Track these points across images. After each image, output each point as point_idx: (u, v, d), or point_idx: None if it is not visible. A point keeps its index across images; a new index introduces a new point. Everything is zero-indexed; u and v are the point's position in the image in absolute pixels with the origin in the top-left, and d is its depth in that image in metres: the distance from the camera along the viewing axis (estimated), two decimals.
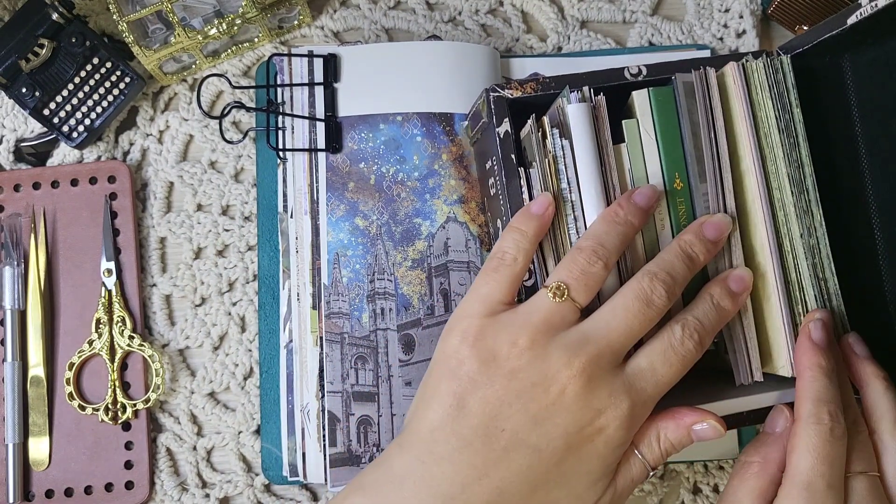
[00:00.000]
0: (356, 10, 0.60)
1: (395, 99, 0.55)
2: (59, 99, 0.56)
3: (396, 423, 0.52)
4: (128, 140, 0.59)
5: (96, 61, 0.56)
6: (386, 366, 0.53)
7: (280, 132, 0.55)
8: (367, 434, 0.52)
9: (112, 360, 0.55)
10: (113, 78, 0.56)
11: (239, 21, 0.55)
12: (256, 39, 0.58)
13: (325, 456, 0.52)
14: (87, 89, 0.56)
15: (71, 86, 0.56)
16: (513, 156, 0.46)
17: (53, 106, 0.56)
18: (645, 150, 0.45)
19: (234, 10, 0.55)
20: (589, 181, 0.43)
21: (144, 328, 0.57)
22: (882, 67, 0.44)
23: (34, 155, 0.59)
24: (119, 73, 0.56)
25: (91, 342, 0.55)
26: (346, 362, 0.53)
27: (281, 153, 0.55)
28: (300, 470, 0.53)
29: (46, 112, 0.56)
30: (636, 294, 0.40)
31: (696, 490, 0.57)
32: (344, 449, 0.52)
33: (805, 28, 0.58)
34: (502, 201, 0.47)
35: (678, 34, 0.60)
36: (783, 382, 0.45)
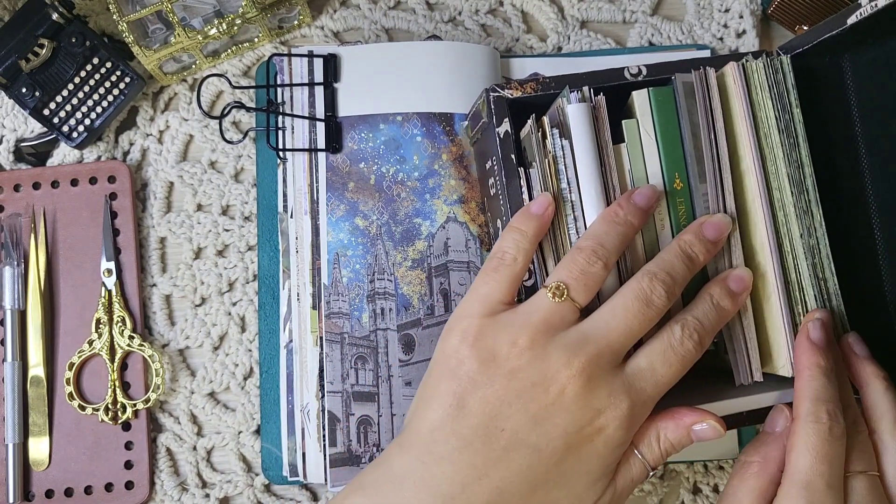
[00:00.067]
0: (356, 10, 0.60)
1: (395, 99, 0.55)
2: (59, 99, 0.56)
3: (396, 423, 0.52)
4: (128, 140, 0.59)
5: (96, 61, 0.56)
6: (386, 366, 0.53)
7: (280, 132, 0.55)
8: (367, 434, 0.52)
9: (112, 360, 0.55)
10: (113, 78, 0.56)
11: (239, 21, 0.55)
12: (256, 39, 0.58)
13: (325, 456, 0.52)
14: (87, 89, 0.56)
15: (71, 86, 0.56)
16: (513, 156, 0.46)
17: (53, 106, 0.56)
18: (645, 151, 0.45)
19: (234, 10, 0.55)
20: (589, 181, 0.43)
21: (144, 328, 0.57)
22: (882, 67, 0.44)
23: (34, 155, 0.59)
24: (119, 73, 0.56)
25: (91, 342, 0.55)
26: (346, 362, 0.53)
27: (281, 153, 0.55)
28: (300, 470, 0.53)
29: (46, 112, 0.56)
30: (636, 294, 0.40)
31: (696, 490, 0.57)
32: (344, 449, 0.52)
33: (805, 28, 0.58)
34: (502, 201, 0.47)
35: (678, 34, 0.60)
36: (783, 382, 0.45)
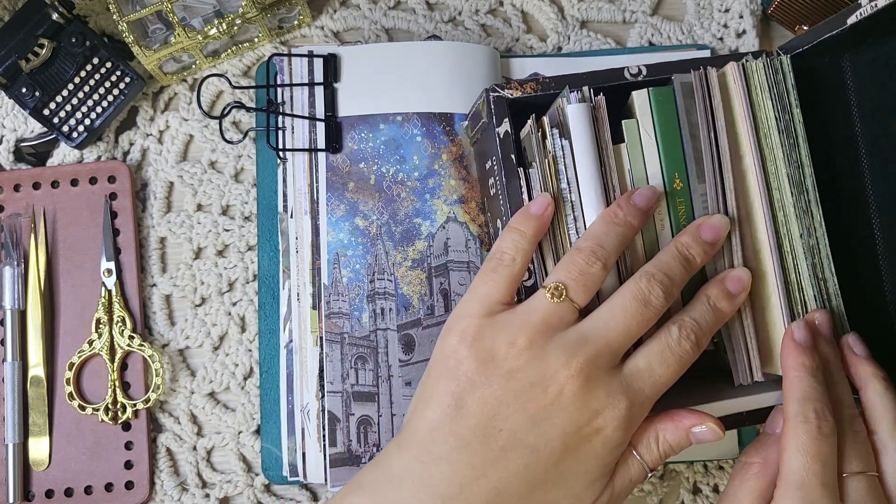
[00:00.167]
0: (356, 10, 0.60)
1: (395, 99, 0.55)
2: (59, 99, 0.56)
3: (396, 423, 0.52)
4: (128, 140, 0.59)
5: (96, 61, 0.56)
6: (386, 366, 0.53)
7: (280, 132, 0.55)
8: (367, 434, 0.52)
9: (112, 360, 0.55)
10: (113, 78, 0.56)
11: (239, 21, 0.55)
12: (256, 39, 0.58)
13: (325, 456, 0.52)
14: (87, 89, 0.56)
15: (71, 86, 0.56)
16: (513, 156, 0.46)
17: (53, 106, 0.56)
18: (645, 151, 0.44)
19: (234, 10, 0.55)
20: (588, 181, 0.43)
21: (144, 328, 0.57)
22: (882, 67, 0.44)
23: (34, 155, 0.59)
24: (119, 73, 0.56)
25: (91, 342, 0.55)
26: (346, 362, 0.53)
27: (281, 153, 0.55)
28: (300, 470, 0.53)
29: (46, 112, 0.56)
30: (634, 295, 0.40)
31: (696, 490, 0.57)
32: (344, 449, 0.52)
33: (805, 28, 0.58)
34: (502, 201, 0.47)
35: (678, 34, 0.60)
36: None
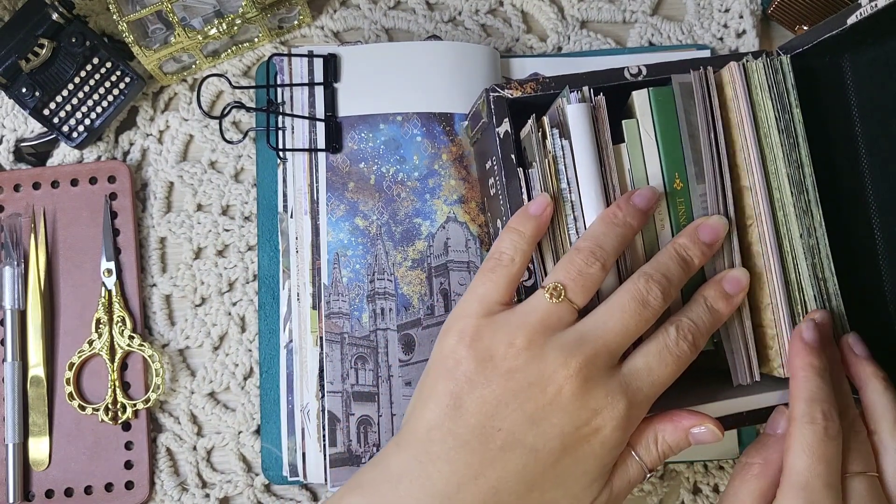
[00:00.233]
0: (356, 10, 0.60)
1: (395, 99, 0.55)
2: (59, 99, 0.56)
3: (396, 423, 0.52)
4: (128, 140, 0.59)
5: (96, 61, 0.56)
6: (386, 366, 0.53)
7: (280, 132, 0.55)
8: (367, 434, 0.52)
9: (112, 360, 0.55)
10: (113, 78, 0.56)
11: (239, 21, 0.55)
12: (256, 39, 0.58)
13: (325, 456, 0.52)
14: (87, 89, 0.56)
15: (71, 86, 0.56)
16: (513, 156, 0.46)
17: (53, 106, 0.56)
18: (645, 151, 0.44)
19: (234, 10, 0.55)
20: (588, 181, 0.43)
21: (144, 328, 0.57)
22: (882, 67, 0.44)
23: (34, 155, 0.59)
24: (119, 73, 0.56)
25: (91, 342, 0.55)
26: (346, 362, 0.53)
27: (281, 153, 0.55)
28: (300, 470, 0.53)
29: (46, 112, 0.56)
30: (632, 295, 0.40)
31: (696, 490, 0.57)
32: (344, 449, 0.52)
33: (805, 28, 0.58)
34: (502, 201, 0.47)
35: (678, 34, 0.60)
36: (782, 382, 0.45)
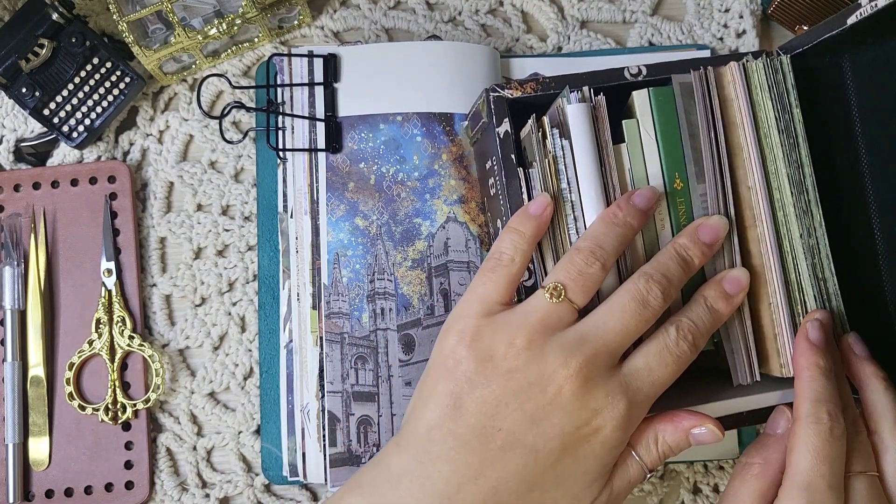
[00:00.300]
0: (356, 10, 0.60)
1: (395, 99, 0.55)
2: (59, 99, 0.56)
3: (396, 423, 0.52)
4: (128, 140, 0.59)
5: (96, 61, 0.56)
6: (386, 366, 0.53)
7: (280, 132, 0.55)
8: (367, 434, 0.52)
9: (112, 360, 0.55)
10: (113, 78, 0.56)
11: (239, 21, 0.55)
12: (256, 39, 0.58)
13: (325, 456, 0.52)
14: (87, 89, 0.56)
15: (71, 86, 0.56)
16: (513, 156, 0.46)
17: (53, 106, 0.56)
18: (645, 151, 0.44)
19: (234, 10, 0.55)
20: (589, 181, 0.43)
21: (144, 328, 0.57)
22: (882, 67, 0.44)
23: (34, 155, 0.59)
24: (119, 73, 0.56)
25: (91, 342, 0.55)
26: (346, 362, 0.53)
27: (281, 153, 0.55)
28: (300, 470, 0.53)
29: (46, 112, 0.56)
30: (632, 295, 0.40)
31: (696, 490, 0.57)
32: (344, 449, 0.52)
33: (805, 28, 0.58)
34: (502, 201, 0.47)
35: (678, 34, 0.60)
36: (782, 382, 0.45)
